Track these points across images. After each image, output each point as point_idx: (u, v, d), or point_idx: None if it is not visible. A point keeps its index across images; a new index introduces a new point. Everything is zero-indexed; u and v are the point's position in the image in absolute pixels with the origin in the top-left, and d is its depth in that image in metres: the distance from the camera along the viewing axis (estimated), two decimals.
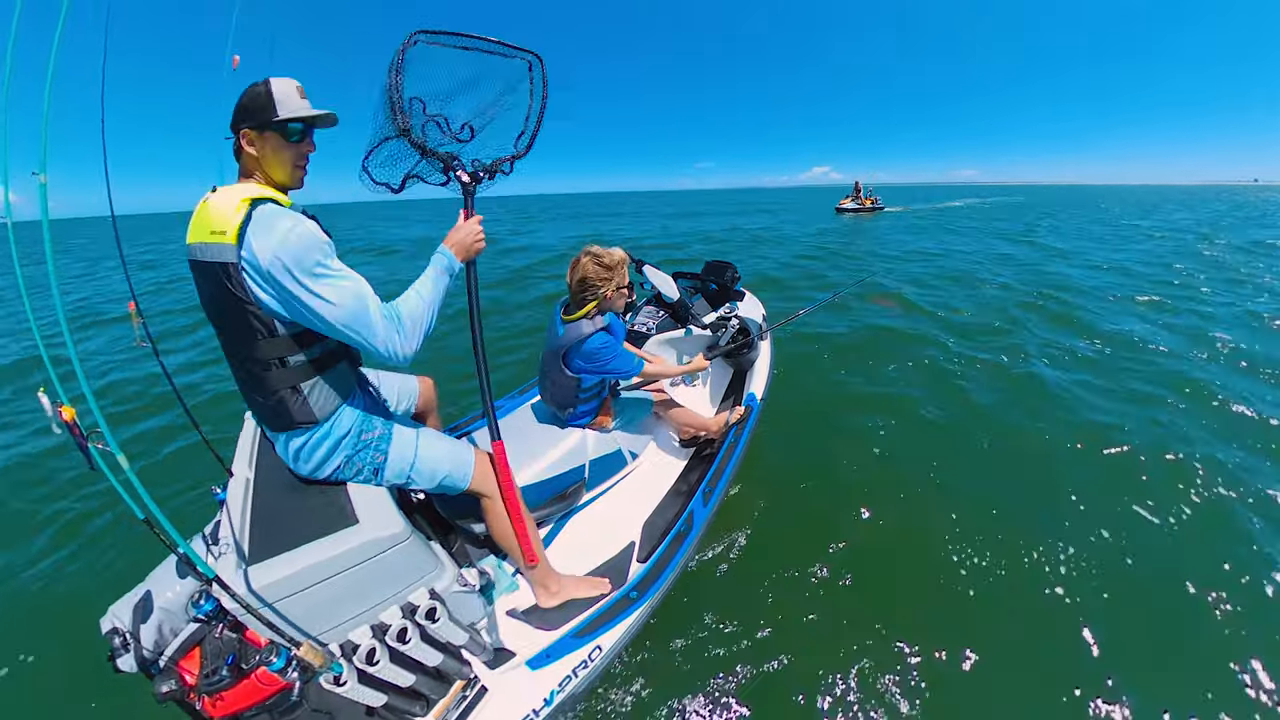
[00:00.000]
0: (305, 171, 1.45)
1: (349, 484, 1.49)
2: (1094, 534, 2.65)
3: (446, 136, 1.57)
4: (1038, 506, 2.88)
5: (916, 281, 8.90)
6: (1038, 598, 2.32)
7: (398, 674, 1.36)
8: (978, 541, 2.62)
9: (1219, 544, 2.58)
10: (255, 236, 1.21)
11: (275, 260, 1.21)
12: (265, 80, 1.33)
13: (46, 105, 1.06)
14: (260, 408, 1.43)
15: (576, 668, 1.66)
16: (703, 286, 4.03)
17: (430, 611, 1.37)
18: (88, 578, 2.76)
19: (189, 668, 1.36)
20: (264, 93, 1.32)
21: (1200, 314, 6.59)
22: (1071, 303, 7.19)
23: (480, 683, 1.57)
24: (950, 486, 3.06)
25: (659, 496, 2.32)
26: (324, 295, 1.25)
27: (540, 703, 1.57)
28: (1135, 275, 9.32)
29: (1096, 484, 3.06)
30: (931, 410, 4.05)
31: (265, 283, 1.24)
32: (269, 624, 1.18)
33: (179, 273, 13.16)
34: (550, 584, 1.81)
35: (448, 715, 1.50)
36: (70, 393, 1.08)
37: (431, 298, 1.42)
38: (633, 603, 1.82)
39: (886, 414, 3.99)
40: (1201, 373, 4.62)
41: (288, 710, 1.48)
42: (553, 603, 1.82)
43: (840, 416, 3.99)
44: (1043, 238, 15.79)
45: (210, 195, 1.32)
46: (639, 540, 2.03)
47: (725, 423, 2.67)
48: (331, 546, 1.25)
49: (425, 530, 1.50)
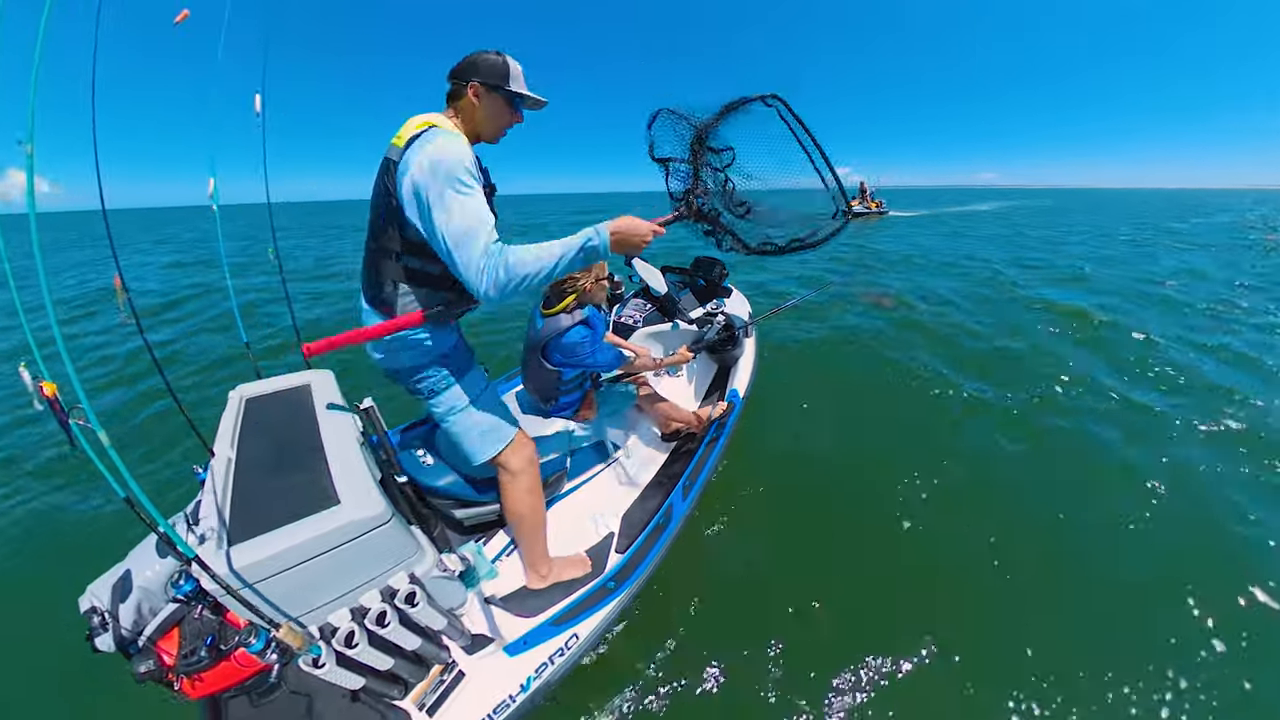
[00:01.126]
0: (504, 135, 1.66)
1: (331, 463, 1.50)
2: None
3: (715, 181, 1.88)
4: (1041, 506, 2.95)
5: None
6: (1007, 577, 2.38)
7: (376, 657, 1.37)
8: (964, 531, 2.68)
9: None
10: (418, 147, 1.39)
11: (423, 161, 1.35)
12: (500, 53, 1.53)
13: (35, 74, 1.05)
14: (368, 287, 1.61)
15: (553, 655, 1.69)
16: (691, 281, 4.06)
17: (410, 596, 1.39)
18: (66, 556, 2.74)
19: (167, 648, 1.37)
20: (501, 62, 1.52)
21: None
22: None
23: (458, 667, 1.59)
24: (943, 489, 3.09)
25: (639, 488, 2.35)
26: (448, 204, 1.34)
27: (517, 688, 1.60)
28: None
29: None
30: (945, 402, 4.12)
31: (407, 180, 1.39)
32: (248, 605, 1.19)
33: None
34: (541, 567, 1.86)
35: (425, 699, 1.52)
36: (56, 378, 1.07)
37: (550, 259, 1.37)
38: (610, 593, 1.85)
39: (874, 411, 4.04)
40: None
41: (266, 692, 1.50)
42: (541, 585, 1.86)
43: (825, 415, 4.04)
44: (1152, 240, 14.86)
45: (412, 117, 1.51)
46: (618, 531, 2.06)
47: (707, 417, 2.70)
48: (313, 527, 1.26)
49: (406, 515, 1.52)
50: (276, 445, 1.65)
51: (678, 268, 4.16)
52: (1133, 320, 6.34)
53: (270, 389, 2.04)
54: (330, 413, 1.81)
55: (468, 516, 1.95)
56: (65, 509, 3.12)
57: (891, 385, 4.61)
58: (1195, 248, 13.62)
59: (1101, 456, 3.41)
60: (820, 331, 6.06)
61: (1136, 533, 2.72)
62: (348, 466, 1.50)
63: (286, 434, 1.71)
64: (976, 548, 2.61)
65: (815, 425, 3.86)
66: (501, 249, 1.35)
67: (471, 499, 1.91)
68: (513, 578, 1.86)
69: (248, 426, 1.77)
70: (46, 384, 1.04)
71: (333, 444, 1.61)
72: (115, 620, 1.37)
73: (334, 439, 1.64)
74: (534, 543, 1.83)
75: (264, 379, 2.12)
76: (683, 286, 4.05)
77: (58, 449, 3.74)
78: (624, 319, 3.48)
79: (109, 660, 1.39)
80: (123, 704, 1.93)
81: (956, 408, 4.13)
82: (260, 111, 2.21)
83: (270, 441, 1.67)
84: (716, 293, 3.99)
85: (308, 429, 1.72)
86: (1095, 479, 3.18)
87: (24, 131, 1.06)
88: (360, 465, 1.50)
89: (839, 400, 4.28)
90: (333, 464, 1.51)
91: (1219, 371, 4.80)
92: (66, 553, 2.77)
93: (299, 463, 1.53)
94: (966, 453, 3.45)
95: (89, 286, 10.72)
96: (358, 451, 1.57)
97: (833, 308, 6.92)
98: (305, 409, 1.86)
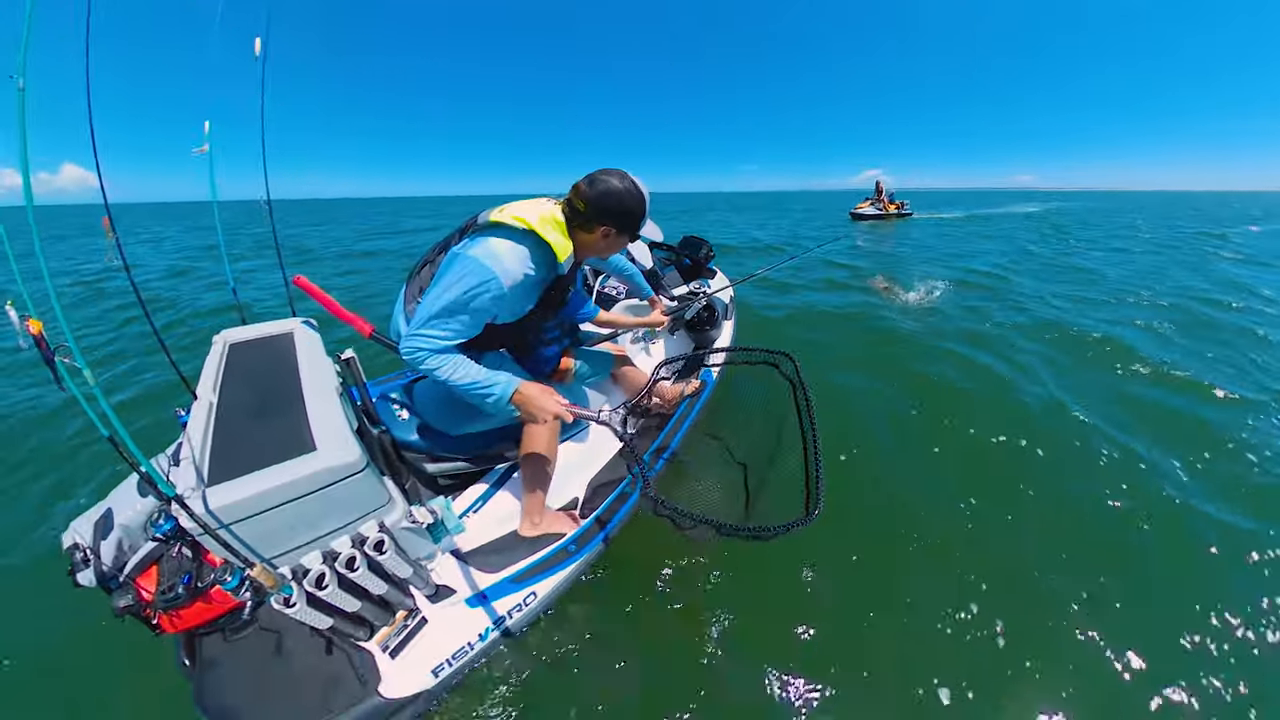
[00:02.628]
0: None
1: (310, 411, 1.55)
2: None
3: None
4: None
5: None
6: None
7: (345, 599, 1.46)
8: (922, 516, 2.71)
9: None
10: (486, 234, 1.54)
11: (478, 253, 1.49)
12: (636, 185, 1.56)
13: (29, 9, 1.06)
14: (409, 284, 1.76)
15: (511, 610, 1.79)
16: (677, 260, 4.12)
17: (378, 544, 1.47)
18: (49, 493, 2.80)
19: (146, 584, 1.44)
20: (642, 211, 1.59)
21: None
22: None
23: (421, 614, 1.69)
24: (905, 479, 3.15)
25: (607, 457, 2.43)
26: (453, 285, 1.47)
27: (475, 638, 1.70)
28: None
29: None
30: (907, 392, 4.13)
31: (461, 250, 1.53)
32: (225, 544, 1.26)
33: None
34: (535, 515, 1.96)
35: (389, 641, 1.62)
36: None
37: (463, 376, 1.49)
38: (570, 555, 1.96)
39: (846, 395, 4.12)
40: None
41: (239, 628, 1.59)
42: (532, 533, 1.97)
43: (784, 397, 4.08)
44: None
45: (540, 203, 1.62)
46: (583, 497, 2.15)
47: (680, 394, 2.79)
48: (289, 471, 1.30)
49: (380, 466, 1.59)
50: (258, 391, 1.68)
51: (665, 245, 4.22)
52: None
53: (254, 335, 2.07)
54: (312, 361, 1.85)
55: (439, 471, 2.03)
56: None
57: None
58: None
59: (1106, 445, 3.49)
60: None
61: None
62: (326, 415, 1.53)
63: (268, 380, 1.75)
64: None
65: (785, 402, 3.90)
66: (446, 350, 1.50)
67: (444, 455, 1.99)
68: (478, 534, 1.95)
69: (230, 371, 1.80)
70: (33, 321, 1.07)
71: (312, 392, 1.65)
72: (96, 557, 1.43)
73: (314, 387, 1.68)
74: (539, 490, 1.94)
75: (248, 325, 2.16)
76: (668, 264, 4.11)
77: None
78: (607, 290, 3.55)
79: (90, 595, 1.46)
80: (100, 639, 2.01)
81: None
82: (260, 54, 2.19)
83: (252, 387, 1.71)
84: (701, 273, 4.06)
85: (289, 376, 1.76)
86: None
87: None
88: (338, 414, 1.54)
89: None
90: (311, 412, 1.54)
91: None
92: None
93: (279, 409, 1.57)
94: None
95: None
96: (336, 401, 1.61)
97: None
98: (287, 356, 1.90)
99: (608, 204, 1.53)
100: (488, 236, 1.52)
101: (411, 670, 1.59)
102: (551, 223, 1.54)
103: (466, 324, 1.50)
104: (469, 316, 1.49)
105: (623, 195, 1.53)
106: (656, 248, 4.15)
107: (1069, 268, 10.30)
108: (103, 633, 2.00)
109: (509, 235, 1.53)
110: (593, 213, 1.54)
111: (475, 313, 1.50)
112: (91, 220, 36.84)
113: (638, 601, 2.21)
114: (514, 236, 1.53)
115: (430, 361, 1.47)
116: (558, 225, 1.56)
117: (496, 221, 1.53)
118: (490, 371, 1.53)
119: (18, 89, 1.07)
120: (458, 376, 1.49)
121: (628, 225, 1.58)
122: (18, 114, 1.07)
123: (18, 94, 1.07)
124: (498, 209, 1.57)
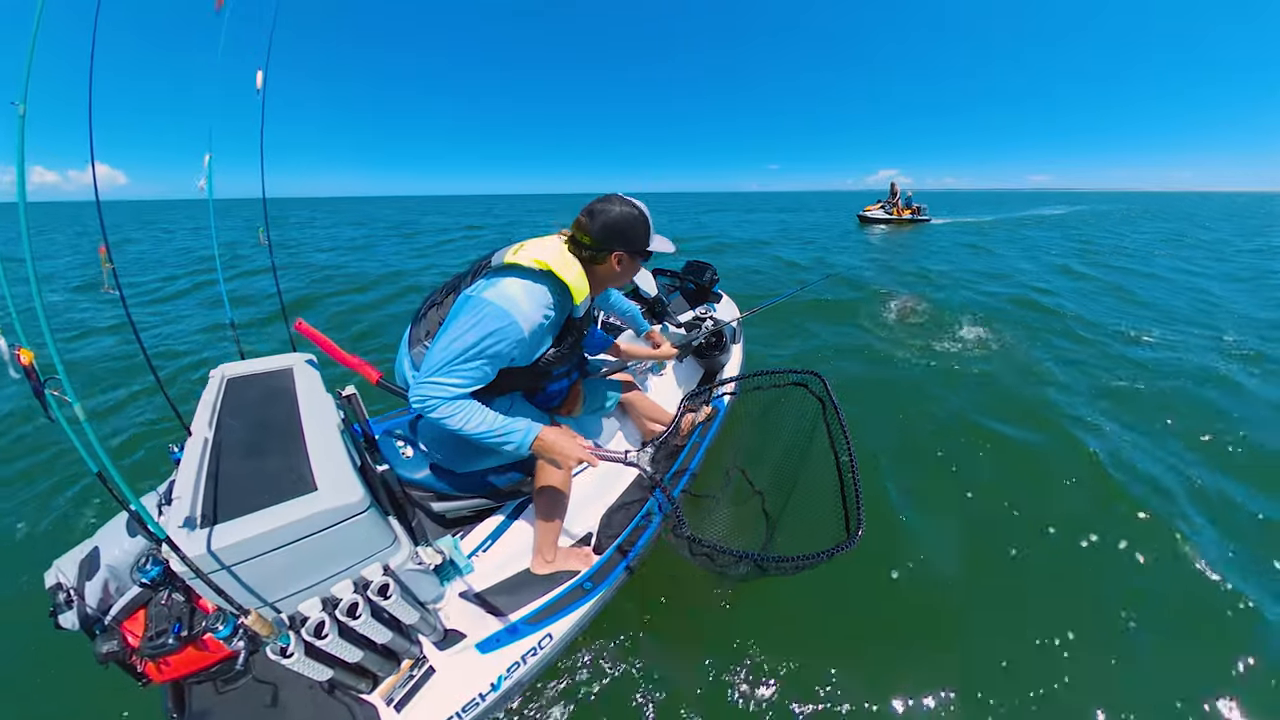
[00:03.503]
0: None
1: (310, 449, 1.49)
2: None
3: None
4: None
5: None
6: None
7: (346, 649, 1.36)
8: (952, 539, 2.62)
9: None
10: (502, 275, 1.48)
11: (492, 296, 1.43)
12: (636, 207, 1.54)
13: (35, 32, 1.03)
14: (414, 326, 1.72)
15: (526, 654, 1.68)
16: (681, 285, 4.08)
17: (383, 588, 1.38)
18: (33, 531, 2.70)
19: (133, 629, 1.35)
20: (645, 226, 1.55)
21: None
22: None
23: (429, 663, 1.58)
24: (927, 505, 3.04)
25: (620, 489, 2.34)
26: (467, 329, 1.40)
27: (487, 687, 1.59)
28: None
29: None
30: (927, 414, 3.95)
31: (476, 292, 1.47)
32: (218, 589, 1.17)
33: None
34: (548, 553, 1.88)
35: (394, 693, 1.50)
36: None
37: (478, 424, 1.43)
38: (586, 593, 1.85)
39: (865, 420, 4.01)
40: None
41: (232, 679, 1.48)
42: (545, 570, 1.88)
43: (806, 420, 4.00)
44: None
45: (552, 242, 1.56)
46: (597, 531, 2.06)
47: (691, 422, 2.71)
48: (287, 513, 1.23)
49: (384, 506, 1.50)
50: (256, 427, 1.62)
51: (669, 270, 4.18)
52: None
53: (252, 370, 2.00)
54: (312, 398, 1.79)
55: (446, 510, 1.94)
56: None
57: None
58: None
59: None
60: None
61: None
62: (327, 453, 1.47)
63: (266, 416, 1.68)
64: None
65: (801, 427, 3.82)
66: (459, 397, 1.42)
67: (450, 493, 1.90)
68: (488, 574, 1.85)
69: (227, 407, 1.73)
70: (24, 351, 1.01)
71: (313, 429, 1.58)
72: (81, 598, 1.34)
73: (314, 425, 1.61)
74: (552, 528, 1.86)
75: (247, 359, 2.10)
76: (673, 290, 4.07)
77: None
78: (613, 319, 3.49)
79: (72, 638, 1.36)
80: (84, 685, 1.90)
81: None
82: (261, 89, 2.17)
83: (249, 423, 1.64)
84: (707, 297, 4.01)
85: (288, 413, 1.70)
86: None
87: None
88: (340, 453, 1.48)
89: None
90: (312, 450, 1.48)
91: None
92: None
93: (278, 446, 1.50)
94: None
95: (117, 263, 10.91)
96: (338, 438, 1.55)
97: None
98: (286, 392, 1.83)
99: (613, 230, 1.51)
100: (503, 278, 1.46)
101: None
102: (568, 261, 1.50)
103: (482, 370, 1.43)
104: (485, 362, 1.42)
105: (625, 218, 1.51)
106: (661, 274, 4.11)
107: (1186, 289, 8.29)
108: (84, 679, 1.89)
109: (526, 276, 1.46)
110: (601, 242, 1.51)
111: (492, 359, 1.42)
112: (117, 219, 36.80)
113: (660, 638, 2.12)
114: (531, 277, 1.46)
115: (442, 410, 1.40)
116: (575, 265, 1.51)
117: (512, 263, 1.47)
118: (507, 419, 1.46)
119: (18, 115, 1.04)
120: (472, 426, 1.41)
121: (638, 246, 1.56)
122: (18, 138, 1.04)
123: (18, 119, 1.04)
124: (513, 249, 1.51)
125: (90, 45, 1.63)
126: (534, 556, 1.89)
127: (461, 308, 1.44)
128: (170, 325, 6.68)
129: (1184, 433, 3.69)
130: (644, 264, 1.66)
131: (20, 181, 0.99)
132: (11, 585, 2.37)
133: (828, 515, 1.57)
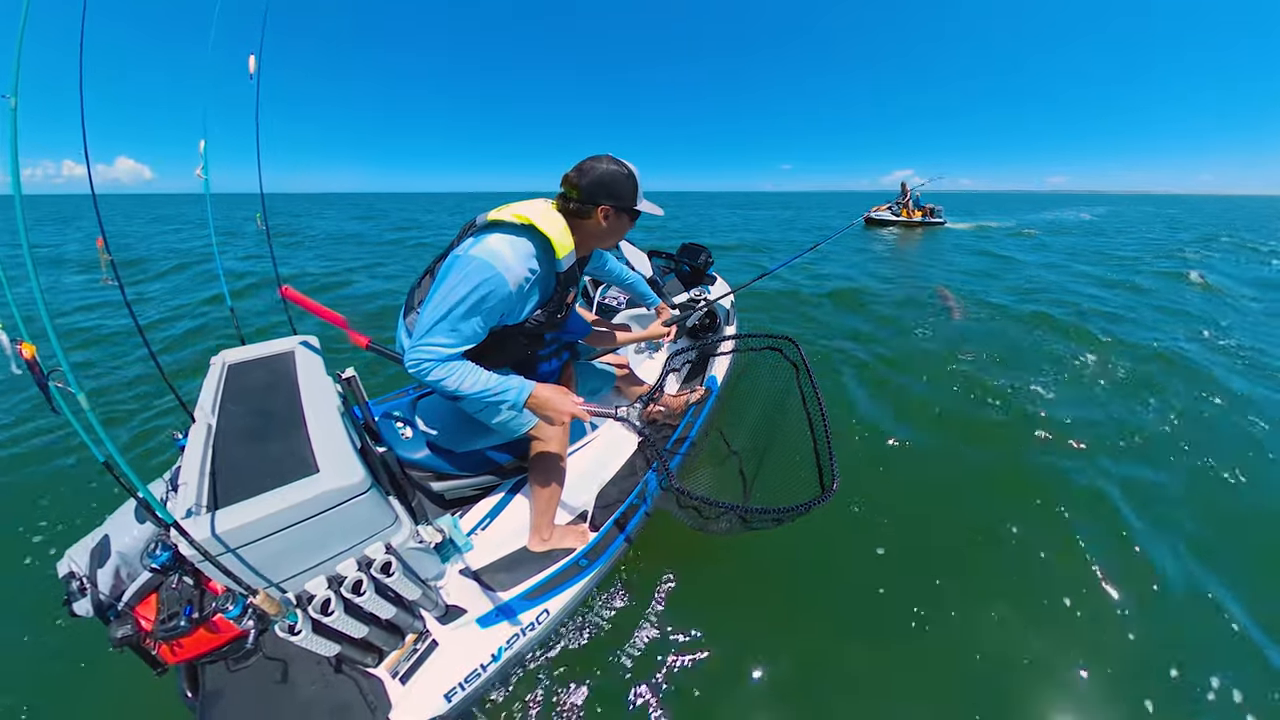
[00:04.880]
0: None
1: (311, 432, 1.52)
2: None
3: None
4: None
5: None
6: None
7: (352, 625, 1.41)
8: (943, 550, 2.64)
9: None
10: (486, 233, 1.50)
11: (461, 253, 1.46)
12: (624, 164, 1.54)
13: (22, 25, 1.04)
14: (410, 295, 1.74)
15: (524, 629, 1.74)
16: (676, 267, 4.10)
17: (385, 566, 1.43)
18: (45, 521, 2.74)
19: (145, 613, 1.40)
20: (632, 181, 1.55)
21: None
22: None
23: (431, 637, 1.64)
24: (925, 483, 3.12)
25: (615, 468, 2.39)
26: (457, 284, 1.41)
27: (488, 658, 1.65)
28: None
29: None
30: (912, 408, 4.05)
31: (462, 251, 1.48)
32: (226, 571, 1.21)
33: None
34: (545, 531, 1.92)
35: (399, 666, 1.56)
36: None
37: (474, 384, 1.46)
38: (581, 570, 1.91)
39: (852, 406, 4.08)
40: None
41: (243, 657, 1.54)
42: (541, 548, 1.92)
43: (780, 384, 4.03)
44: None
45: (538, 201, 1.59)
46: (592, 509, 2.11)
47: (685, 402, 2.75)
48: (291, 495, 1.26)
49: (385, 486, 1.55)
50: (258, 412, 1.65)
51: (664, 252, 4.19)
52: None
53: (253, 355, 2.03)
54: (312, 381, 1.81)
55: (445, 490, 1.98)
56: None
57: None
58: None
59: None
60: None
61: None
62: (328, 436, 1.50)
63: (268, 401, 1.71)
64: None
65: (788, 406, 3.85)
66: (453, 359, 1.45)
67: (450, 473, 1.94)
68: (488, 551, 1.90)
69: (229, 393, 1.76)
70: (25, 345, 1.03)
71: (314, 413, 1.61)
72: (93, 585, 1.39)
73: (315, 408, 1.64)
74: (548, 506, 1.90)
75: (247, 345, 2.12)
76: (668, 271, 4.08)
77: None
78: (608, 300, 3.52)
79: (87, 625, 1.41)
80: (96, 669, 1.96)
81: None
82: (254, 74, 2.16)
83: (251, 408, 1.67)
84: (701, 279, 4.03)
85: (289, 397, 1.73)
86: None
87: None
88: (341, 435, 1.51)
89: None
90: (313, 433, 1.51)
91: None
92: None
93: (280, 430, 1.53)
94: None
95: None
96: (339, 421, 1.58)
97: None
98: (287, 376, 1.86)
99: (600, 184, 1.52)
100: (487, 234, 1.48)
101: (423, 696, 1.53)
102: (553, 218, 1.52)
103: (472, 328, 1.45)
104: (475, 319, 1.44)
105: (613, 173, 1.53)
106: (655, 255, 4.13)
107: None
108: (101, 662, 1.95)
109: (509, 231, 1.49)
110: (588, 196, 1.53)
111: (481, 314, 1.44)
112: (137, 209, 36.61)
113: (655, 612, 2.17)
114: (514, 232, 1.48)
115: (437, 371, 1.42)
116: (559, 220, 1.53)
117: (495, 219, 1.49)
118: (501, 377, 1.49)
119: (10, 107, 1.04)
120: (467, 385, 1.44)
121: (625, 200, 1.56)
122: (10, 129, 1.04)
123: (10, 111, 1.04)
124: (496, 209, 1.53)
125: (83, 44, 1.63)
126: (531, 534, 1.94)
127: (449, 268, 1.46)
128: (171, 312, 6.71)
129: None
130: (630, 234, 1.67)
131: (15, 175, 1.01)
132: (23, 576, 2.42)
133: (803, 473, 1.63)
